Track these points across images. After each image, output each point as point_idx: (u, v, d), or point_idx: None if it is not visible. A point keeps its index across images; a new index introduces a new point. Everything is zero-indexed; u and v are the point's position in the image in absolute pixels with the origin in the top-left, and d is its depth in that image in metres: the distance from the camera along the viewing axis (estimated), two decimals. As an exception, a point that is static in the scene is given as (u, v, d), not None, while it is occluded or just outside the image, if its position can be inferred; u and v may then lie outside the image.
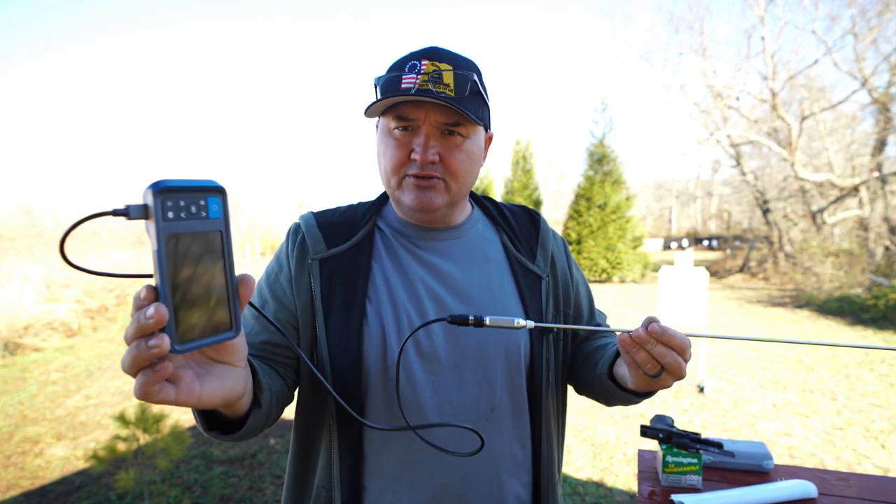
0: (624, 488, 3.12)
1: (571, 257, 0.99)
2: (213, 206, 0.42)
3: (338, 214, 0.88)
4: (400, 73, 0.75)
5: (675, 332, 0.62)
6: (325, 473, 0.79)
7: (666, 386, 0.68)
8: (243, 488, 3.17)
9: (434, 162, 0.76)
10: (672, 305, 4.85)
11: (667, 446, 1.09)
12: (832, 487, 1.09)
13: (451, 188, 0.80)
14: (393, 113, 0.76)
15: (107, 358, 6.80)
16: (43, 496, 3.17)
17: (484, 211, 0.94)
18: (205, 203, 0.41)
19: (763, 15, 15.39)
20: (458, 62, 0.77)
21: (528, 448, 0.84)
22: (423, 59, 0.75)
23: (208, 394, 0.48)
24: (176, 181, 0.39)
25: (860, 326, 7.96)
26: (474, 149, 0.81)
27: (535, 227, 0.94)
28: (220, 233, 0.42)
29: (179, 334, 0.41)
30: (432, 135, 0.76)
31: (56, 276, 10.68)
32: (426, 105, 0.75)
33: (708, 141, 18.12)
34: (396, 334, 0.78)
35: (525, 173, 18.25)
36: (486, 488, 0.79)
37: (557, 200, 34.17)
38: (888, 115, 12.79)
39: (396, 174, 0.78)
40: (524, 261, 0.88)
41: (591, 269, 15.29)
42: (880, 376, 5.31)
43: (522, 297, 0.85)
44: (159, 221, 0.38)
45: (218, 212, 0.42)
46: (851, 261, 11.83)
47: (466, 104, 0.75)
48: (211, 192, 0.41)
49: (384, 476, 0.77)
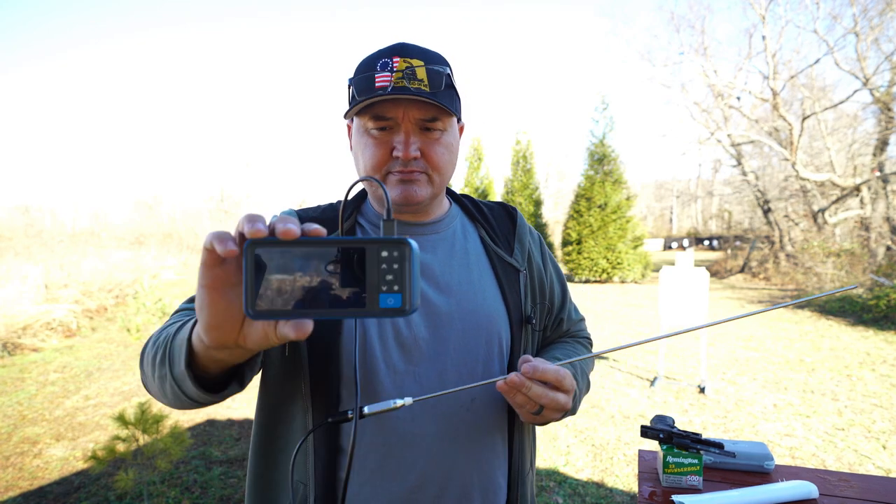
0: (624, 489, 3.11)
1: (547, 251, 1.01)
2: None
3: (319, 211, 0.89)
4: (372, 73, 0.75)
5: (547, 367, 0.64)
6: (300, 468, 0.78)
7: (554, 419, 0.71)
8: (243, 489, 3.16)
9: (416, 158, 0.77)
10: (672, 305, 4.84)
11: (667, 447, 1.08)
12: (833, 488, 1.08)
13: (434, 181, 0.81)
14: (369, 112, 0.76)
15: (106, 358, 6.80)
16: (42, 497, 3.16)
17: (461, 207, 0.96)
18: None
19: (764, 14, 15.39)
20: (428, 57, 0.77)
21: (506, 438, 0.85)
22: (394, 56, 0.75)
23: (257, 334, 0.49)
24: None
25: (861, 326, 7.94)
26: (452, 141, 0.82)
27: (513, 221, 0.96)
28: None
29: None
30: (412, 131, 0.77)
31: (55, 276, 10.68)
32: (403, 102, 0.75)
33: (709, 140, 18.13)
34: (375, 325, 0.79)
35: (525, 173, 18.26)
36: (466, 478, 0.78)
37: (557, 200, 34.21)
38: (890, 114, 12.78)
39: (377, 173, 0.78)
40: (502, 254, 0.89)
41: (592, 269, 15.29)
42: (882, 377, 5.30)
43: (502, 288, 0.86)
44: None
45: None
46: (853, 261, 11.82)
47: (442, 98, 0.75)
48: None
49: (363, 469, 0.76)
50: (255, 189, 42.61)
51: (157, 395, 0.68)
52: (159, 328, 0.72)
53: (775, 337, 7.37)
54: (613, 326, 8.30)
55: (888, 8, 12.21)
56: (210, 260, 0.46)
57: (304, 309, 0.44)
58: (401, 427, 0.75)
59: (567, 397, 0.66)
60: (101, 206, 43.53)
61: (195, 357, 0.57)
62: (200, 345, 0.54)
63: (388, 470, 0.75)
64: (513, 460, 0.85)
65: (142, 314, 6.48)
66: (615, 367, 5.75)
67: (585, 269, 15.39)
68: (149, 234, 30.27)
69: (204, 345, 0.53)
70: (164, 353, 0.61)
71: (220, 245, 0.43)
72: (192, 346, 0.56)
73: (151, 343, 0.68)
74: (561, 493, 3.07)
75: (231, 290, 0.48)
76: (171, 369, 0.60)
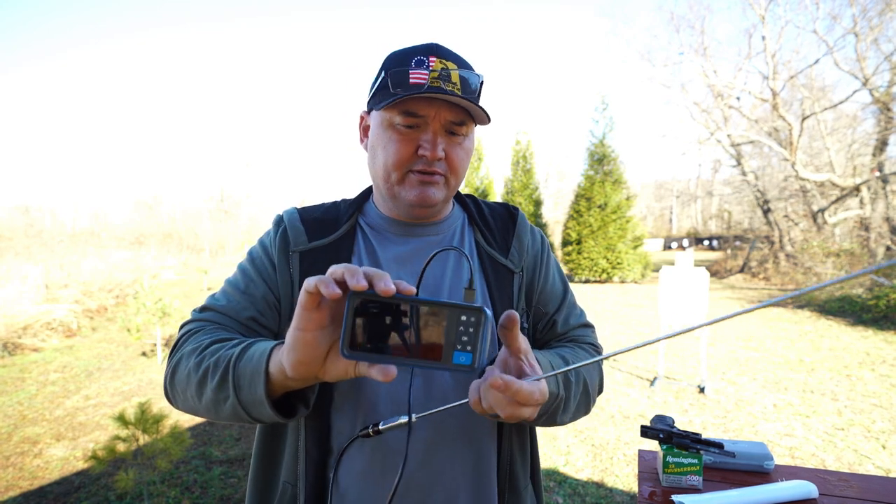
0: (624, 489, 3.11)
1: (550, 254, 0.98)
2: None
3: (321, 211, 0.89)
4: (406, 68, 0.74)
5: (522, 387, 0.58)
6: (290, 468, 0.78)
7: (522, 418, 0.65)
8: (243, 488, 3.16)
9: (441, 159, 0.77)
10: (672, 305, 4.85)
11: (667, 447, 1.08)
12: (833, 488, 1.08)
13: (450, 184, 0.81)
14: (400, 108, 0.75)
15: (106, 358, 6.80)
16: (42, 497, 3.16)
17: (463, 207, 0.96)
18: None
19: (764, 14, 15.39)
20: (460, 62, 0.77)
21: (495, 444, 0.83)
22: (430, 55, 0.75)
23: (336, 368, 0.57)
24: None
25: (861, 326, 7.95)
26: (471, 146, 0.83)
27: (513, 221, 0.95)
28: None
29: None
30: (439, 132, 0.77)
31: (55, 276, 10.68)
32: (437, 102, 0.75)
33: (708, 141, 18.13)
34: None
35: (525, 173, 18.26)
36: (452, 483, 0.78)
37: (557, 200, 34.22)
38: (889, 114, 12.79)
39: (399, 170, 0.78)
40: (496, 256, 0.88)
41: (592, 269, 15.29)
42: (881, 377, 5.30)
43: (491, 293, 0.85)
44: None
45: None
46: (852, 261, 11.83)
47: (476, 103, 0.76)
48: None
49: (350, 471, 0.76)
50: (255, 189, 42.64)
51: (198, 412, 0.72)
52: (190, 345, 0.73)
53: (775, 337, 7.38)
54: (613, 326, 8.30)
55: (887, 8, 12.21)
56: (310, 303, 0.52)
57: (387, 355, 0.52)
58: (388, 432, 0.75)
59: (532, 410, 0.62)
60: (101, 206, 43.59)
61: (269, 383, 0.62)
62: (281, 376, 0.60)
63: (373, 473, 0.75)
64: (502, 466, 0.83)
65: (142, 314, 6.47)
66: (615, 368, 5.76)
67: (585, 269, 15.39)
68: (149, 234, 30.28)
69: (285, 376, 0.59)
70: (225, 377, 0.65)
71: (325, 289, 0.50)
72: (268, 374, 0.62)
73: (193, 363, 0.69)
74: (561, 493, 3.07)
75: (321, 331, 0.55)
76: (237, 394, 0.64)
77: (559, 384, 0.74)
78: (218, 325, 0.78)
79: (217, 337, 0.73)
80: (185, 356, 0.71)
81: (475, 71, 0.80)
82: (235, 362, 0.65)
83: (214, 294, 0.84)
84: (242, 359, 0.65)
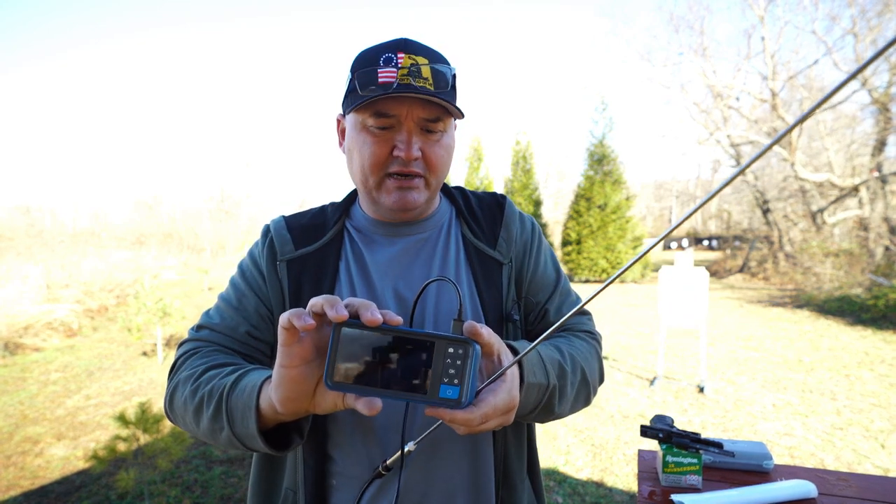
0: (624, 488, 3.12)
1: (541, 241, 0.95)
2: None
3: (308, 217, 0.88)
4: (374, 67, 0.71)
5: (498, 403, 0.58)
6: (290, 475, 0.79)
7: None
8: (243, 488, 3.17)
9: (417, 158, 0.75)
10: (672, 305, 4.85)
11: (667, 446, 1.09)
12: (832, 487, 1.09)
13: (430, 184, 0.79)
14: (370, 109, 0.72)
15: (107, 358, 6.80)
16: (43, 496, 3.17)
17: (451, 201, 0.93)
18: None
19: (763, 15, 15.39)
20: (431, 55, 0.74)
21: (490, 442, 0.83)
22: (398, 51, 0.72)
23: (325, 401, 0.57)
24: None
25: (860, 326, 7.95)
26: (451, 143, 0.80)
27: (500, 211, 0.91)
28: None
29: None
30: (414, 131, 0.74)
31: (55, 276, 10.68)
32: (408, 100, 0.72)
33: (708, 141, 18.13)
34: None
35: (525, 173, 18.27)
36: (448, 483, 0.78)
37: (557, 200, 34.18)
38: (888, 115, 12.79)
39: (376, 174, 0.76)
40: (483, 248, 0.86)
41: (591, 269, 15.30)
42: (880, 376, 5.31)
43: (478, 285, 0.83)
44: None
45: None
46: (851, 261, 11.83)
47: (448, 98, 0.73)
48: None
49: (348, 476, 0.77)
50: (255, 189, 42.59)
51: (198, 437, 0.73)
52: (185, 371, 0.73)
53: (774, 337, 7.38)
54: (613, 326, 8.30)
55: (886, 9, 12.22)
56: (288, 339, 0.51)
57: (372, 387, 0.51)
58: (384, 437, 0.76)
59: (502, 419, 0.61)
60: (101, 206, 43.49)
61: (261, 418, 0.62)
62: (271, 411, 0.60)
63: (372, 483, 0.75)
64: (497, 464, 0.83)
65: (143, 314, 6.48)
66: (615, 367, 5.76)
67: (585, 268, 15.40)
68: (149, 234, 30.27)
69: (275, 412, 0.59)
70: (219, 409, 0.65)
71: (297, 320, 0.49)
72: (259, 409, 0.61)
73: (189, 391, 0.70)
74: (561, 493, 3.08)
75: (306, 366, 0.54)
76: (231, 426, 0.64)
77: (549, 374, 0.71)
78: (214, 345, 0.78)
79: (212, 362, 0.73)
80: (182, 382, 0.72)
81: (448, 63, 0.76)
82: (228, 394, 0.65)
83: (209, 311, 0.84)
84: (235, 391, 0.64)
